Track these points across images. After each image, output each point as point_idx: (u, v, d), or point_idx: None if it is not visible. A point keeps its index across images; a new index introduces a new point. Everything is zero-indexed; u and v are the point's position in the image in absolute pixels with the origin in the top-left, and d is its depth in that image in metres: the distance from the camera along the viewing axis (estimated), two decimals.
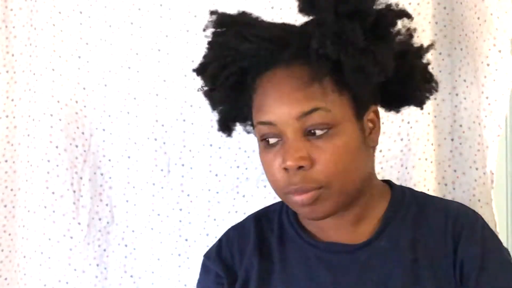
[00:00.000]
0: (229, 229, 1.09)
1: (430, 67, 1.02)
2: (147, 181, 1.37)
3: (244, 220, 1.09)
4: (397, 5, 0.94)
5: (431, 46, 1.01)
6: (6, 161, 1.37)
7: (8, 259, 1.39)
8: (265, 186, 1.35)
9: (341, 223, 0.98)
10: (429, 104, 1.31)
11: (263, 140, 0.93)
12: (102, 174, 1.38)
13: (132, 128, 1.36)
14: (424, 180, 1.32)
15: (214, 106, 1.03)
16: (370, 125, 0.96)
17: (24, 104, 1.36)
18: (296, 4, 0.94)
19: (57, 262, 1.36)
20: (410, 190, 1.05)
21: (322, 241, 0.99)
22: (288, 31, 0.94)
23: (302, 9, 0.93)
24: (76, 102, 1.36)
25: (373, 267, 0.96)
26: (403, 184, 1.32)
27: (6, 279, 1.39)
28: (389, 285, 0.94)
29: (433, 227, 0.97)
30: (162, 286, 1.38)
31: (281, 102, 0.89)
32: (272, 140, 0.91)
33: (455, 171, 1.34)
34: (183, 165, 1.37)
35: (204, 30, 0.98)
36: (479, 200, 1.30)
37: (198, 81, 1.02)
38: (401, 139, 1.33)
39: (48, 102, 1.34)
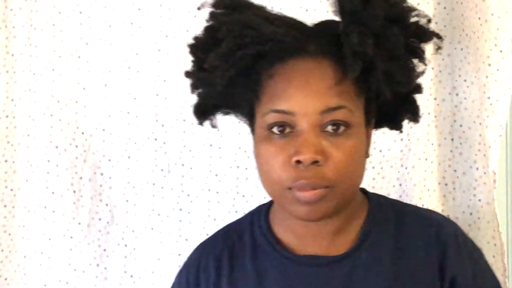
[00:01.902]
0: (198, 246, 1.06)
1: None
2: (147, 181, 1.37)
3: (212, 236, 1.04)
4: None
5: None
6: (6, 161, 1.36)
7: (8, 259, 1.38)
8: None
9: (322, 233, 0.94)
10: (429, 104, 1.31)
11: (269, 130, 0.88)
12: (102, 174, 1.38)
13: (132, 128, 1.36)
14: (424, 180, 1.32)
15: (199, 87, 0.95)
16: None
17: (24, 104, 1.36)
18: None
19: (57, 262, 1.36)
20: (385, 198, 1.02)
21: (300, 254, 0.95)
22: (306, 25, 0.91)
23: (346, 6, 0.87)
24: (76, 102, 1.36)
25: (354, 280, 0.92)
26: (403, 184, 1.32)
27: (6, 279, 1.38)
28: None
29: (414, 237, 0.95)
30: (162, 286, 1.38)
31: (307, 93, 0.85)
32: (281, 131, 0.87)
33: (455, 171, 1.34)
34: (183, 165, 1.37)
35: (199, 8, 0.93)
36: (479, 200, 1.30)
37: None
38: (401, 139, 1.32)
39: (48, 102, 1.33)
